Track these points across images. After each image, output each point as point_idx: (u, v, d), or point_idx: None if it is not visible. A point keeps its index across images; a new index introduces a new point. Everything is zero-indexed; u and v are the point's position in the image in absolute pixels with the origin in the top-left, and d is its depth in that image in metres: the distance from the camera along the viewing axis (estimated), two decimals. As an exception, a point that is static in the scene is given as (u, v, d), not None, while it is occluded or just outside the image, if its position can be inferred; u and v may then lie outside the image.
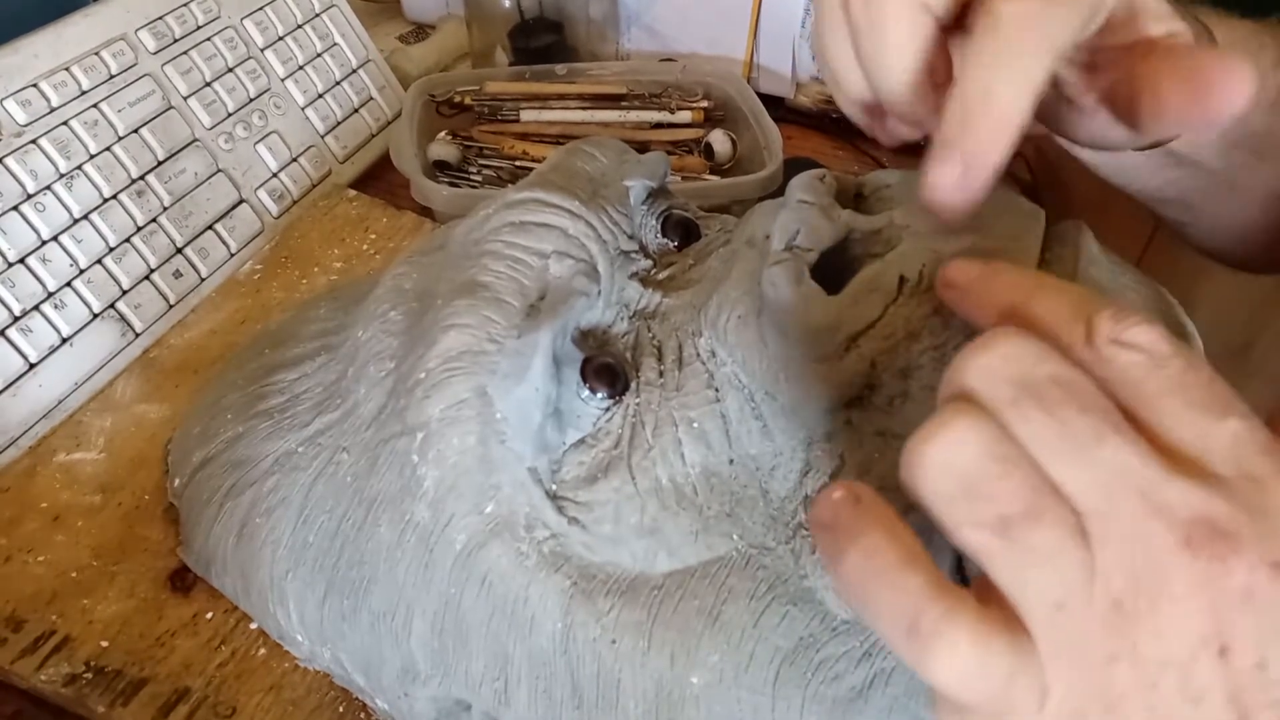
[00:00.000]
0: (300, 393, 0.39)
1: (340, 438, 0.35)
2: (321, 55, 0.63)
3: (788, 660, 0.29)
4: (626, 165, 0.36)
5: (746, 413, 0.31)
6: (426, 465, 0.31)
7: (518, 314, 0.31)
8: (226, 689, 0.35)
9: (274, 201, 0.57)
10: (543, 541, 0.31)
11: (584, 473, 0.31)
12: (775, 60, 0.75)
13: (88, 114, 0.49)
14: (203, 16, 0.56)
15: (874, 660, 0.29)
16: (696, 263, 0.35)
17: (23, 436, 0.43)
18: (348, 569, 0.34)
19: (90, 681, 0.35)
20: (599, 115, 0.65)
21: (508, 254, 0.32)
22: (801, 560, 0.30)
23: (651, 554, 0.31)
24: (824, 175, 0.32)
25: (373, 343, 0.35)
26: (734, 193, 0.57)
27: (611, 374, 0.32)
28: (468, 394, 0.31)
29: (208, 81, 0.55)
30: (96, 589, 0.38)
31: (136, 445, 0.43)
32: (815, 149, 0.73)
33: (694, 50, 0.77)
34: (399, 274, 0.37)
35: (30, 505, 0.40)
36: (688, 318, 0.33)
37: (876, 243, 0.30)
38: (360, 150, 0.64)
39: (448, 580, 0.32)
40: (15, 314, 0.44)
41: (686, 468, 0.31)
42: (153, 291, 0.49)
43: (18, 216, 0.45)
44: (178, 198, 0.52)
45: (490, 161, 0.62)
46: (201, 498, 0.38)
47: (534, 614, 0.31)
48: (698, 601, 0.30)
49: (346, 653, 0.35)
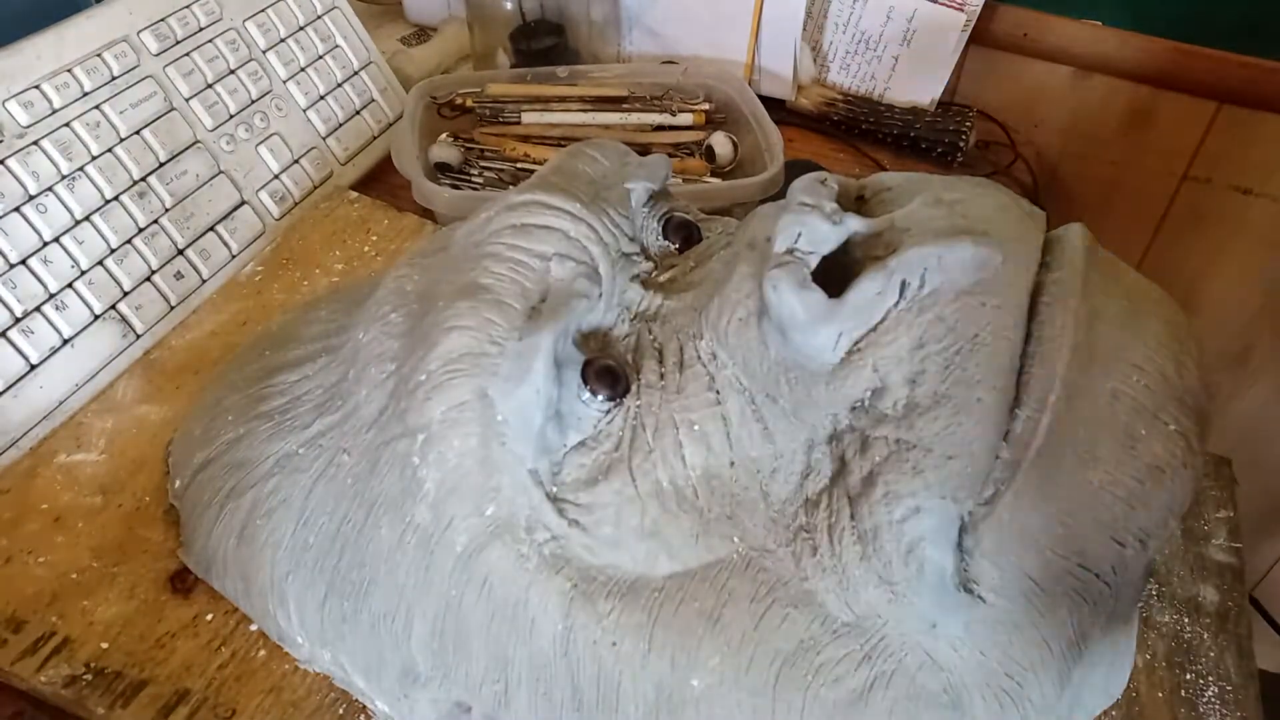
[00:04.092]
0: (301, 394, 0.39)
1: (341, 439, 0.35)
2: (323, 57, 0.63)
3: (788, 663, 0.29)
4: (628, 168, 0.36)
5: (747, 415, 0.31)
6: (427, 467, 0.31)
7: (519, 316, 0.31)
8: (226, 691, 0.35)
9: (275, 203, 0.57)
10: (543, 544, 0.31)
11: (585, 475, 0.31)
12: (776, 63, 0.75)
13: (90, 115, 0.49)
14: (205, 18, 0.56)
15: (874, 663, 0.29)
16: (697, 265, 0.35)
17: (24, 438, 0.43)
18: (348, 571, 0.34)
19: (90, 683, 0.35)
20: (600, 117, 0.65)
21: (509, 256, 0.32)
22: (802, 563, 0.30)
23: (652, 556, 0.31)
24: (825, 178, 0.32)
25: (374, 344, 0.35)
26: (735, 195, 0.57)
27: (612, 376, 0.32)
28: (469, 396, 0.31)
29: (209, 83, 0.55)
30: (97, 590, 0.38)
31: (137, 446, 0.43)
32: (816, 151, 0.73)
33: (695, 53, 0.77)
34: (400, 276, 0.37)
35: (31, 506, 0.40)
36: (689, 320, 0.33)
37: (878, 245, 0.30)
38: (362, 152, 0.64)
39: (448, 582, 0.32)
40: (17, 315, 0.44)
41: (687, 470, 0.31)
42: (154, 293, 0.49)
43: (19, 218, 0.45)
44: (179, 199, 0.52)
45: (491, 164, 0.62)
46: (202, 499, 0.38)
47: (534, 616, 0.31)
48: (698, 604, 0.30)
49: (347, 654, 0.35)
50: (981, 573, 0.28)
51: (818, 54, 0.78)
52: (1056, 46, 0.77)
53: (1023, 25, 0.77)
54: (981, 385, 0.27)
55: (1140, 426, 0.27)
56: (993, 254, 0.28)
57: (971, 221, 0.29)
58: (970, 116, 0.74)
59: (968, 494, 0.27)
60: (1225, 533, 0.44)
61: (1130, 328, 0.28)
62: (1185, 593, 0.42)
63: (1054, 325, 0.28)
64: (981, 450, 0.27)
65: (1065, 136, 0.81)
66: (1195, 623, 0.41)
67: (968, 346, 0.28)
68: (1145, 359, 0.28)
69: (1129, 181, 0.81)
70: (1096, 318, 0.28)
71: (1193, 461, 0.28)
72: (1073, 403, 0.27)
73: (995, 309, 0.28)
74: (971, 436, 0.27)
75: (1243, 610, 0.41)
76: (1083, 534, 0.27)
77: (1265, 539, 0.96)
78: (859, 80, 0.78)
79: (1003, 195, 0.30)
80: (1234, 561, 0.43)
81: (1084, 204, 0.84)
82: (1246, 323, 0.84)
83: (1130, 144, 0.79)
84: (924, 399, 0.28)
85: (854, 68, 0.77)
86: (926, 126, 0.73)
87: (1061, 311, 0.28)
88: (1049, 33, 0.77)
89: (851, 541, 0.29)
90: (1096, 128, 0.80)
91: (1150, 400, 0.27)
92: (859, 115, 0.74)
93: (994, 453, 0.27)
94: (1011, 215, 0.29)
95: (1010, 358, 0.27)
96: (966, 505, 0.28)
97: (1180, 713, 0.37)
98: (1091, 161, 0.82)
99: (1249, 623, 0.41)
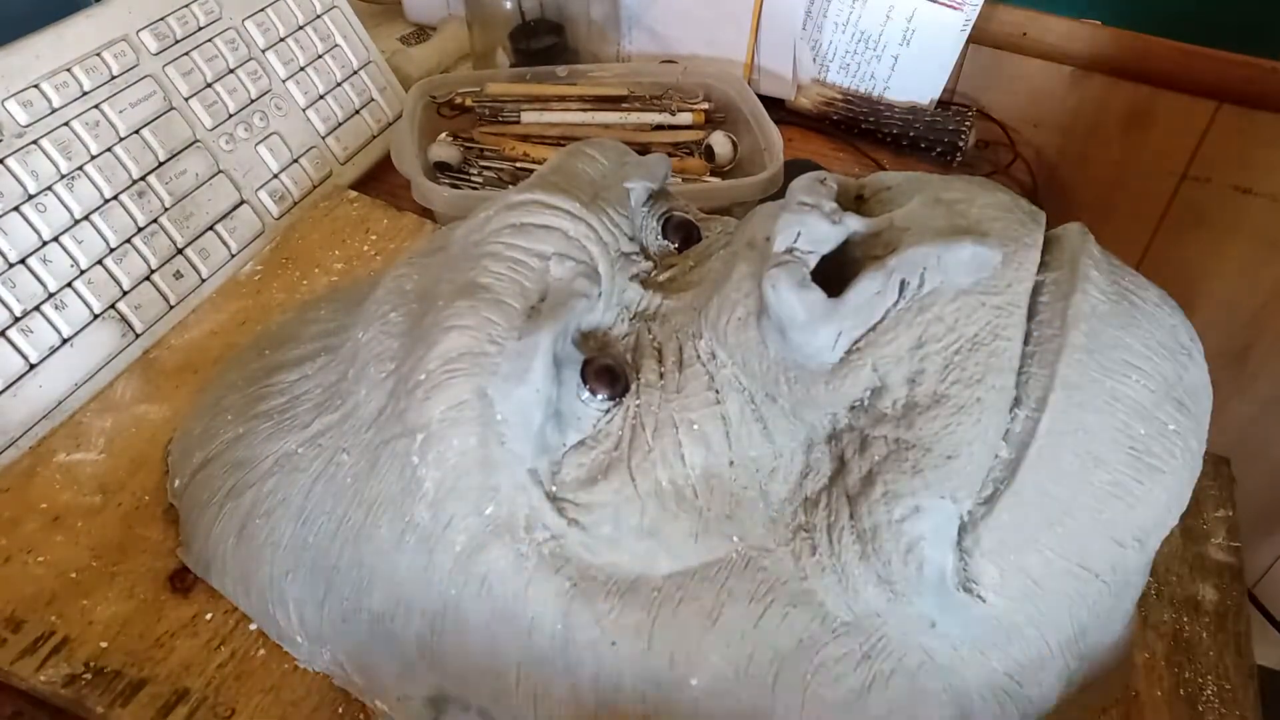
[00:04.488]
0: (300, 394, 0.39)
1: (340, 439, 0.35)
2: (323, 56, 0.63)
3: (787, 662, 0.29)
4: (627, 167, 0.36)
5: (747, 414, 0.31)
6: (426, 466, 0.31)
7: (518, 315, 0.31)
8: (226, 690, 0.35)
9: (275, 202, 0.57)
10: (542, 543, 0.31)
11: (584, 474, 0.31)
12: (776, 62, 0.75)
13: (89, 115, 0.49)
14: (204, 17, 0.56)
15: (874, 662, 0.29)
16: (697, 264, 0.35)
17: (23, 437, 0.43)
18: (347, 570, 0.34)
19: (90, 682, 0.35)
20: (600, 117, 0.65)
21: (508, 255, 0.32)
22: (801, 562, 0.30)
23: (651, 555, 0.31)
24: (824, 177, 0.32)
25: (373, 344, 0.35)
26: (734, 194, 0.57)
27: (612, 376, 0.32)
28: (468, 395, 0.31)
29: (209, 82, 0.55)
30: (96, 590, 0.38)
31: (136, 446, 0.43)
32: (816, 151, 0.73)
33: (695, 52, 0.77)
34: (399, 275, 0.37)
35: (30, 506, 0.40)
36: (688, 319, 0.33)
37: (877, 245, 0.30)
38: (361, 151, 0.64)
39: (447, 581, 0.32)
40: (16, 314, 0.44)
41: (686, 469, 0.31)
42: (153, 292, 0.49)
43: (19, 217, 0.45)
44: (178, 198, 0.52)
45: (491, 163, 0.62)
46: (201, 498, 0.38)
47: (533, 615, 0.31)
48: (697, 603, 0.30)
49: (346, 653, 0.35)
50: (981, 573, 0.28)
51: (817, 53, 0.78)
52: (1056, 46, 0.77)
53: (1022, 25, 0.77)
54: (981, 385, 0.27)
55: (1140, 426, 0.27)
56: (992, 253, 0.28)
57: (971, 221, 0.29)
58: (970, 116, 0.74)
59: (967, 494, 0.27)
60: (1224, 532, 0.44)
61: (1130, 327, 0.28)
62: (1184, 592, 0.42)
63: (1054, 325, 0.28)
64: (981, 450, 0.27)
65: (1065, 136, 0.81)
66: (1194, 622, 0.41)
67: (967, 346, 0.28)
68: (1145, 359, 0.28)
69: (1129, 181, 0.81)
70: (1096, 317, 0.28)
71: (1192, 461, 0.28)
72: (1072, 403, 0.27)
73: (995, 308, 0.28)
74: (971, 436, 0.27)
75: (1241, 609, 0.41)
76: (1082, 534, 0.27)
77: (1264, 538, 0.96)
78: (858, 80, 0.78)
79: (1002, 195, 0.30)
80: (1233, 561, 0.43)
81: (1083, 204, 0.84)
82: (1246, 322, 0.84)
83: (1130, 144, 0.79)
84: (923, 398, 0.28)
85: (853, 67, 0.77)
86: (926, 126, 0.73)
87: (1061, 311, 0.28)
88: (1049, 32, 0.77)
89: (851, 541, 0.29)
90: (1096, 128, 0.80)
91: (1150, 400, 0.27)
92: (858, 115, 0.74)
93: (994, 453, 0.27)
94: (1011, 215, 0.29)
95: (1010, 357, 0.27)
96: (966, 505, 0.28)
97: (1179, 711, 0.37)
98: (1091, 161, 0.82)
99: (1248, 621, 0.41)
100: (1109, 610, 0.30)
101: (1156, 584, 0.42)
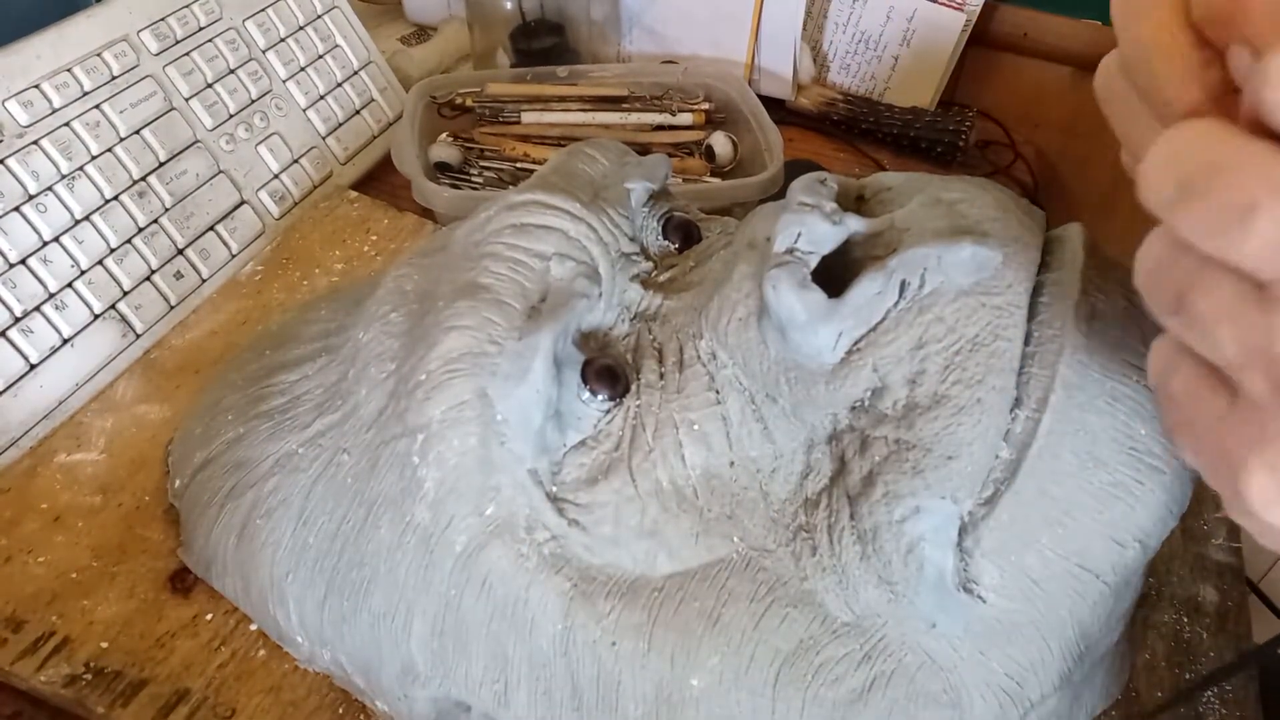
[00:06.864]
0: (301, 394, 0.39)
1: (341, 439, 0.35)
2: (323, 57, 0.63)
3: (788, 663, 0.29)
4: (627, 167, 0.36)
5: (747, 415, 0.31)
6: (427, 467, 0.31)
7: (519, 316, 0.31)
8: (226, 690, 0.35)
9: (275, 203, 0.57)
10: (543, 543, 0.31)
11: (584, 474, 0.31)
12: (776, 62, 0.75)
13: (89, 115, 0.49)
14: (204, 18, 0.56)
15: (874, 663, 0.29)
16: (697, 265, 0.35)
17: (23, 437, 0.43)
18: (348, 570, 0.34)
19: (90, 682, 0.35)
20: (600, 117, 0.65)
21: (509, 256, 0.32)
22: (802, 562, 0.30)
23: (652, 556, 0.31)
24: (825, 178, 0.32)
25: (374, 344, 0.35)
26: (735, 195, 0.57)
27: (612, 376, 0.32)
28: (468, 395, 0.31)
29: (209, 83, 0.55)
30: (96, 590, 0.38)
31: (137, 446, 0.43)
32: (816, 151, 0.73)
33: (695, 52, 0.77)
34: (400, 275, 0.37)
35: (30, 506, 0.40)
36: (688, 320, 0.33)
37: (877, 245, 0.30)
38: (361, 152, 0.64)
39: (448, 582, 0.32)
40: (16, 315, 0.44)
41: (687, 470, 0.31)
42: (154, 292, 0.49)
43: (19, 217, 0.45)
44: (179, 199, 0.52)
45: (491, 163, 0.62)
46: (202, 499, 0.38)
47: (534, 616, 0.31)
48: (698, 604, 0.30)
49: (346, 654, 0.35)
50: (981, 573, 0.28)
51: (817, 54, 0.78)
52: (1056, 46, 0.77)
53: (1022, 25, 0.77)
54: (981, 385, 0.27)
55: (1140, 426, 0.27)
56: (992, 254, 0.28)
57: (971, 221, 0.29)
58: (970, 116, 0.74)
59: (967, 494, 0.27)
60: (1225, 532, 0.44)
61: (1129, 327, 0.28)
62: (1185, 592, 0.42)
63: (1054, 325, 0.28)
64: (981, 450, 0.27)
65: (1065, 136, 0.81)
66: (1195, 622, 0.41)
67: (967, 346, 0.28)
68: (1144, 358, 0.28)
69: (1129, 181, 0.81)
70: (1096, 317, 0.28)
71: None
72: (1073, 403, 0.27)
73: (995, 309, 0.28)
74: (971, 436, 0.27)
75: (1242, 609, 0.41)
76: (1082, 534, 0.27)
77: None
78: (859, 80, 0.78)
79: (1002, 195, 0.30)
80: (1233, 561, 0.43)
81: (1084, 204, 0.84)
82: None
83: (1130, 144, 0.79)
84: (924, 399, 0.28)
85: (854, 67, 0.77)
86: (926, 126, 0.73)
87: (1061, 311, 0.28)
88: (1049, 32, 0.77)
89: (851, 541, 0.29)
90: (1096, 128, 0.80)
91: (1150, 400, 0.27)
92: (859, 115, 0.74)
93: (994, 453, 0.27)
94: (1011, 215, 0.29)
95: (1010, 358, 0.27)
96: (966, 505, 0.28)
97: (1179, 712, 0.37)
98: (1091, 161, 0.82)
99: (1248, 622, 0.41)
100: (1109, 611, 0.30)
101: (1156, 584, 0.42)
